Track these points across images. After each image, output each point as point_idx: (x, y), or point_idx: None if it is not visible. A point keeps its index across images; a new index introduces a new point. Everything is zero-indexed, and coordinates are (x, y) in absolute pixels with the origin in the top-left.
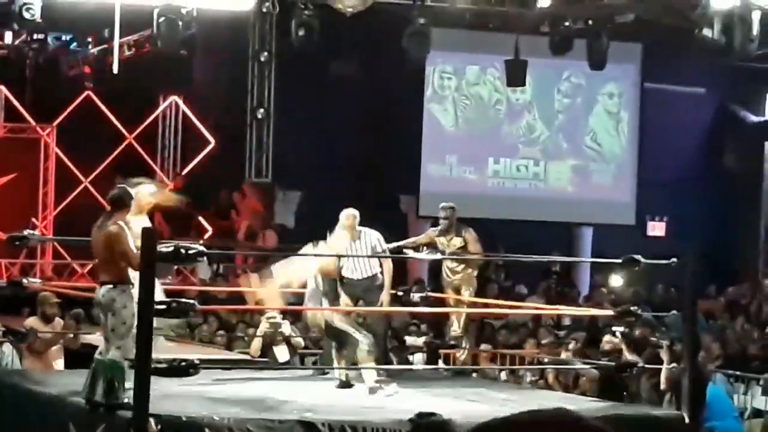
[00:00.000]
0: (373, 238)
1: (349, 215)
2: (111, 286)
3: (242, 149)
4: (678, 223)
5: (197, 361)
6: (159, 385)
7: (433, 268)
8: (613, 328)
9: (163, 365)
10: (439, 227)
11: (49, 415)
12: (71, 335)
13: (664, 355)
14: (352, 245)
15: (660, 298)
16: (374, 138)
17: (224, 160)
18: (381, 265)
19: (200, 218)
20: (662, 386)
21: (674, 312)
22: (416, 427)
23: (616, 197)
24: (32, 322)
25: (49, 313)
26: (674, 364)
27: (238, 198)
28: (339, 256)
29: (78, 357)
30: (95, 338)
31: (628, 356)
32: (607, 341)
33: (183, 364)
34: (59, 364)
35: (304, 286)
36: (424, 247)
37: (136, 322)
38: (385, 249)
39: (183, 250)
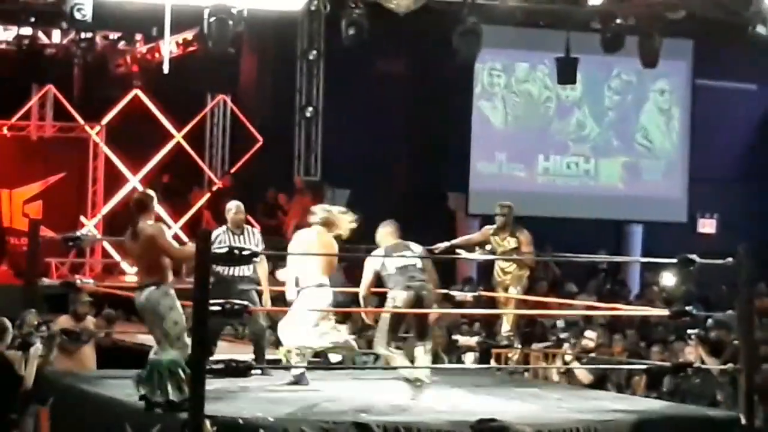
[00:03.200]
0: (257, 236)
1: (237, 209)
2: (153, 287)
3: (290, 148)
4: (729, 220)
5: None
6: (213, 386)
7: (483, 266)
8: (688, 331)
9: (219, 366)
10: (495, 225)
11: (105, 416)
12: (102, 334)
13: None
14: (236, 239)
15: (714, 296)
16: (423, 136)
17: (272, 158)
18: (255, 269)
19: (248, 217)
20: None
21: (730, 311)
22: None
23: (666, 194)
24: (64, 320)
25: (80, 311)
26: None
27: (283, 197)
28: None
29: (110, 355)
30: (126, 337)
31: (707, 359)
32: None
33: (239, 364)
34: (92, 362)
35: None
36: (477, 246)
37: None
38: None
39: (237, 252)
